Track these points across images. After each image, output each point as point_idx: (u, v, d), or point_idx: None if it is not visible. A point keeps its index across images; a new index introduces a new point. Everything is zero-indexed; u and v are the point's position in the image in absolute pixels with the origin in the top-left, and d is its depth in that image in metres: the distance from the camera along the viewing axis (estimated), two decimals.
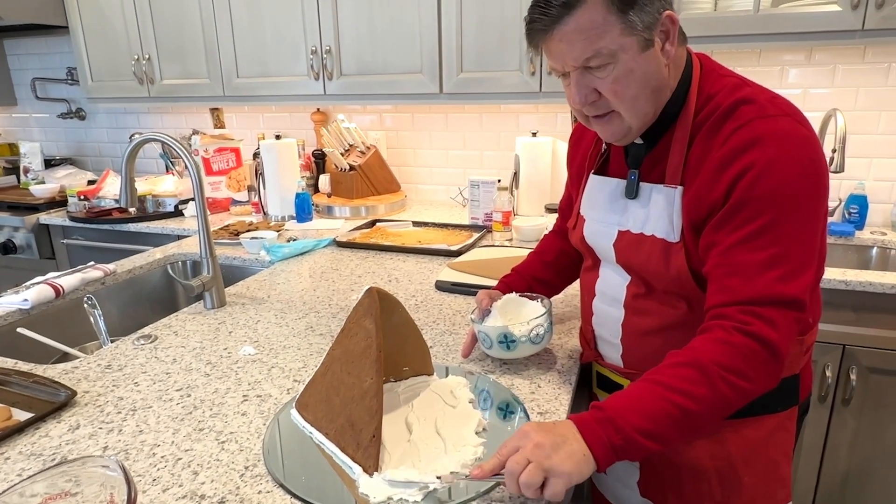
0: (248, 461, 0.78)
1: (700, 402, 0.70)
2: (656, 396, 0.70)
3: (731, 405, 0.72)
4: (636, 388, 0.73)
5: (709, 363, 0.71)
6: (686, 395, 0.70)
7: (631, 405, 0.70)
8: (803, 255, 0.74)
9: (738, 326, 0.72)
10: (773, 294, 0.72)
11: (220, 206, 2.41)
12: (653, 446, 0.69)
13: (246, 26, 2.24)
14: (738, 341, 0.72)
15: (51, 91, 3.15)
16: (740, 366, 0.71)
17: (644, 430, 0.68)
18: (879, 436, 1.59)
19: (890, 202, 1.94)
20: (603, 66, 0.77)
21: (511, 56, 1.91)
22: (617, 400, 0.72)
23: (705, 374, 0.70)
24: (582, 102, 0.82)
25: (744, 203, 0.75)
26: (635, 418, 0.69)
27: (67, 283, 1.45)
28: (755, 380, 0.72)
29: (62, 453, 0.80)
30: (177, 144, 1.28)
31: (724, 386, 0.70)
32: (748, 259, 0.74)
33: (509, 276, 1.15)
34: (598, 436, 0.68)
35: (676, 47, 0.80)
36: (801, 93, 1.95)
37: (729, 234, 0.76)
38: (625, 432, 0.68)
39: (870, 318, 1.52)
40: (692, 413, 0.70)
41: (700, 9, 1.76)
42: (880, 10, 1.52)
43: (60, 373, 1.04)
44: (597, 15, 0.74)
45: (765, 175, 0.73)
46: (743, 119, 0.77)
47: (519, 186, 2.13)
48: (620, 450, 0.68)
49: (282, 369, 1.04)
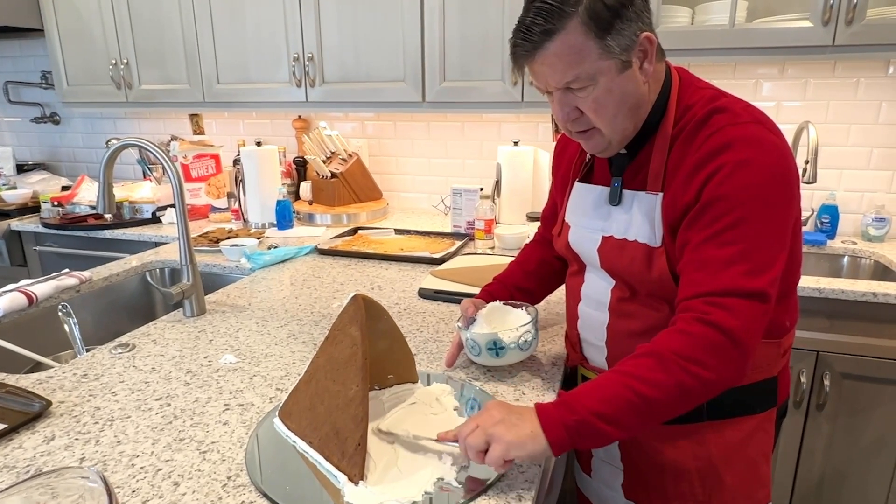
0: (231, 471, 0.77)
1: (656, 387, 0.72)
2: (614, 382, 0.74)
3: (690, 393, 0.73)
4: (599, 378, 0.76)
5: (666, 352, 0.74)
6: (642, 380, 0.72)
7: (589, 391, 0.74)
8: (769, 252, 0.76)
9: (698, 316, 0.74)
10: (735, 286, 0.74)
11: (199, 213, 2.38)
12: (610, 430, 0.72)
13: (227, 32, 2.22)
14: (695, 330, 0.74)
15: (24, 95, 3.08)
16: (697, 354, 0.73)
17: (599, 412, 0.71)
18: (853, 440, 1.63)
19: (860, 212, 2.00)
20: (583, 87, 0.81)
21: (493, 66, 1.93)
22: (579, 388, 0.76)
23: (661, 361, 0.73)
24: (565, 120, 0.87)
25: (712, 201, 0.78)
26: (591, 402, 0.72)
27: (41, 290, 1.42)
28: (714, 368, 0.73)
29: (37, 465, 0.78)
30: (156, 150, 1.26)
31: (681, 373, 0.72)
32: (714, 254, 0.77)
33: (491, 286, 1.16)
34: (552, 416, 0.72)
35: (655, 64, 0.84)
36: (775, 105, 2.00)
37: (698, 231, 0.79)
38: (579, 414, 0.71)
39: (842, 325, 1.56)
40: (649, 398, 0.72)
41: (677, 23, 1.80)
42: (850, 26, 1.57)
43: (34, 382, 1.02)
44: (576, 41, 0.77)
45: (733, 175, 0.76)
46: (716, 126, 0.80)
47: (501, 195, 2.14)
48: (574, 430, 0.71)
49: (264, 378, 1.03)
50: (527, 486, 0.73)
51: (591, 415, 0.71)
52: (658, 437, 0.94)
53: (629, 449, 0.99)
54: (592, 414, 0.71)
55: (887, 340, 1.53)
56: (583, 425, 0.71)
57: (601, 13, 0.76)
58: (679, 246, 0.83)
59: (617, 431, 0.72)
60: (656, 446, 0.95)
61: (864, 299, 1.51)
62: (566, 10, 0.76)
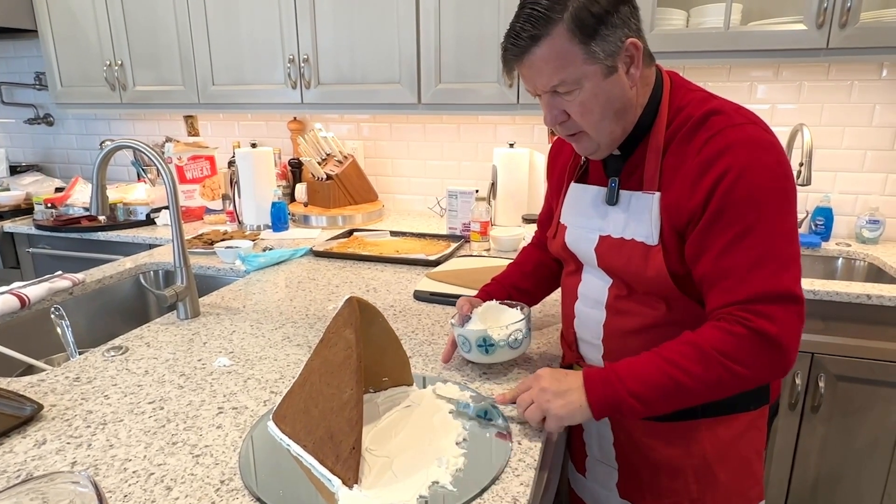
0: (224, 475, 0.76)
1: (694, 378, 0.78)
2: (655, 367, 0.80)
3: (724, 387, 0.79)
4: (644, 357, 0.82)
5: (708, 346, 0.78)
6: (682, 370, 0.78)
7: (633, 371, 0.81)
8: (788, 250, 0.79)
9: (740, 321, 0.77)
10: (767, 290, 0.77)
11: (193, 215, 2.37)
12: (642, 409, 0.80)
13: (222, 33, 2.21)
14: (738, 331, 0.77)
15: (18, 96, 3.07)
16: (738, 353, 0.77)
17: (637, 394, 0.79)
18: (848, 442, 1.63)
19: (854, 214, 2.01)
20: (569, 91, 0.84)
21: (489, 68, 1.93)
22: (624, 364, 0.82)
23: (703, 354, 0.78)
24: (552, 122, 0.89)
25: (724, 208, 0.79)
26: (633, 383, 0.79)
27: (34, 293, 1.41)
28: (752, 366, 0.77)
29: (28, 469, 0.77)
30: (150, 152, 1.26)
31: (721, 369, 0.77)
32: (738, 261, 0.79)
33: (489, 286, 1.17)
34: (598, 392, 0.81)
35: (643, 69, 0.86)
36: (770, 108, 2.01)
37: (716, 238, 0.81)
38: (621, 394, 0.80)
39: (837, 327, 1.56)
40: (684, 387, 0.78)
41: (672, 25, 1.81)
42: (843, 29, 1.58)
43: (26, 386, 1.01)
44: (561, 46, 0.80)
45: (740, 179, 0.78)
46: (714, 128, 0.82)
47: (496, 197, 2.14)
48: (615, 406, 0.80)
49: (258, 380, 1.02)
50: (522, 489, 0.73)
51: (629, 394, 0.79)
52: (653, 436, 0.95)
53: (624, 448, 1.00)
54: (630, 394, 0.79)
55: (881, 342, 1.53)
56: (623, 403, 0.80)
57: (586, 20, 0.79)
58: (692, 253, 0.84)
59: (647, 410, 0.80)
60: (651, 445, 0.95)
61: (859, 301, 1.51)
62: (552, 17, 0.79)
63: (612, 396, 0.80)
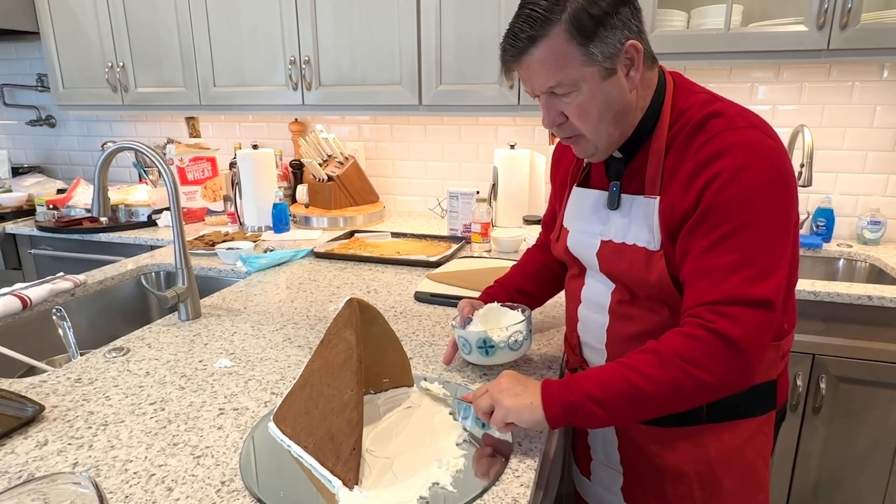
0: (225, 476, 0.76)
1: (652, 383, 0.75)
2: (615, 372, 0.78)
3: (688, 393, 0.76)
4: (604, 366, 0.81)
5: (669, 352, 0.76)
6: (641, 374, 0.76)
7: (591, 375, 0.79)
8: (771, 258, 0.77)
9: (703, 323, 0.76)
10: (738, 294, 0.75)
11: (194, 216, 2.38)
12: (602, 414, 0.76)
13: (223, 35, 2.22)
14: (699, 335, 0.75)
15: (20, 98, 3.08)
16: (699, 358, 0.75)
17: (594, 396, 0.76)
18: (849, 443, 1.63)
19: (855, 215, 2.01)
20: (567, 93, 0.83)
21: (490, 69, 1.93)
22: (584, 372, 0.81)
23: (663, 359, 0.76)
24: (550, 124, 0.88)
25: (711, 209, 0.78)
26: (589, 386, 0.77)
27: (35, 294, 1.41)
28: (714, 372, 0.74)
29: (29, 470, 0.78)
30: (152, 153, 1.26)
31: (679, 373, 0.75)
32: (717, 262, 0.77)
33: (492, 288, 1.17)
34: (552, 393, 0.79)
35: (644, 71, 0.84)
36: (770, 109, 2.01)
37: (700, 239, 0.79)
38: (576, 395, 0.77)
39: (838, 329, 1.56)
40: (643, 392, 0.75)
41: (673, 26, 1.81)
42: (844, 31, 1.58)
43: (27, 387, 1.01)
44: (559, 47, 0.79)
45: (731, 182, 0.77)
46: (713, 131, 0.81)
47: (497, 198, 2.15)
48: (569, 409, 0.77)
49: (259, 382, 1.02)
50: (522, 490, 0.73)
51: (586, 398, 0.76)
52: (657, 441, 0.94)
53: (629, 452, 0.99)
54: (588, 397, 0.76)
55: (883, 343, 1.53)
56: (577, 406, 0.76)
57: (584, 21, 0.78)
58: (680, 253, 0.83)
59: (608, 417, 0.77)
60: (655, 449, 0.95)
61: (860, 302, 1.51)
62: (550, 18, 0.79)
63: (566, 397, 0.77)
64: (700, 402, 0.78)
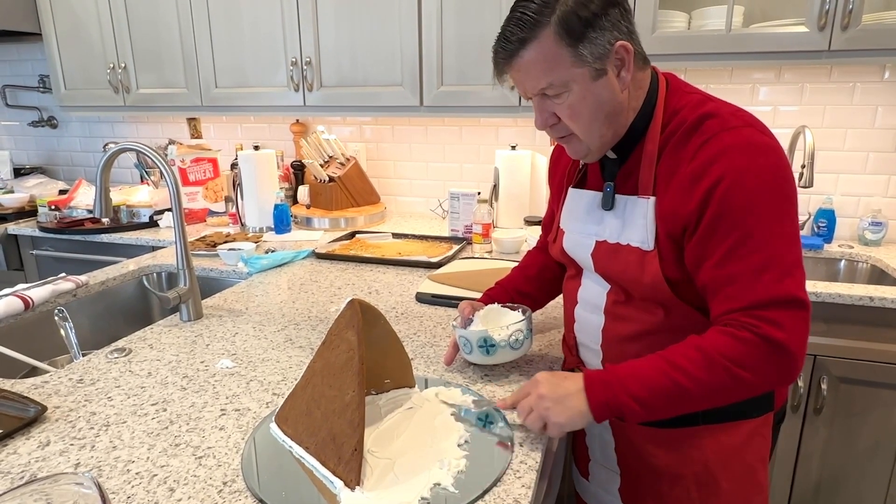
0: (227, 477, 0.76)
1: (697, 382, 0.76)
2: (658, 370, 0.78)
3: (729, 393, 0.78)
4: (647, 360, 0.81)
5: (714, 351, 0.77)
6: (686, 374, 0.77)
7: (635, 373, 0.79)
8: (791, 254, 0.78)
9: (747, 327, 0.76)
10: (772, 296, 0.76)
11: (196, 217, 2.38)
12: (643, 412, 0.78)
13: (225, 36, 2.22)
14: (745, 337, 0.76)
15: (22, 99, 3.08)
16: (745, 359, 0.75)
17: (639, 397, 0.78)
18: (850, 444, 1.63)
19: (856, 216, 2.01)
20: (558, 94, 0.84)
21: (491, 70, 1.91)
22: (625, 367, 0.81)
23: (709, 358, 0.77)
24: (543, 125, 0.89)
25: (722, 214, 0.78)
26: (635, 386, 0.78)
27: (37, 294, 1.41)
28: (759, 372, 0.76)
29: (31, 471, 0.78)
30: (154, 154, 1.26)
31: (725, 375, 0.76)
32: (741, 267, 0.78)
33: (492, 290, 1.17)
34: (599, 396, 0.79)
35: (635, 72, 0.85)
36: (772, 110, 2.01)
37: (716, 245, 0.79)
38: (621, 398, 0.78)
39: (839, 329, 1.56)
40: (686, 391, 0.77)
41: (674, 27, 1.81)
42: (845, 31, 1.58)
43: (29, 387, 1.01)
44: (548, 49, 0.81)
45: (736, 184, 0.77)
46: (709, 133, 0.81)
47: (498, 199, 2.15)
48: (616, 409, 0.79)
49: (260, 382, 1.02)
50: (524, 491, 0.73)
51: (631, 399, 0.78)
52: (654, 441, 0.94)
53: (626, 453, 0.99)
54: (633, 398, 0.78)
55: (884, 344, 1.53)
56: (623, 406, 0.78)
57: (573, 23, 0.79)
58: (692, 260, 0.83)
59: (648, 415, 0.78)
60: (652, 450, 0.95)
61: (861, 303, 1.51)
62: (540, 20, 0.80)
63: (612, 399, 0.78)
64: (738, 399, 0.80)
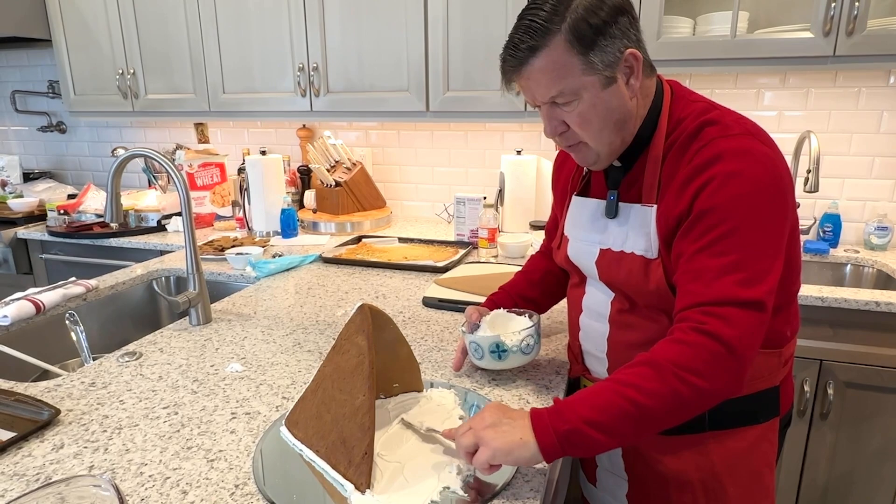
0: (238, 480, 0.77)
1: (651, 396, 0.72)
2: (609, 391, 0.74)
3: (686, 402, 0.73)
4: (594, 386, 0.76)
5: (662, 360, 0.74)
6: (637, 389, 0.72)
7: (583, 398, 0.74)
8: (763, 262, 0.76)
9: (695, 326, 0.74)
10: (730, 296, 0.74)
11: (203, 222, 2.40)
12: (602, 438, 0.72)
13: (233, 42, 2.24)
14: (692, 339, 0.74)
15: (31, 104, 3.11)
16: (694, 363, 0.72)
17: (591, 420, 0.71)
18: (857, 449, 1.63)
19: (862, 221, 2.01)
20: (568, 102, 0.83)
21: (496, 75, 1.91)
22: (573, 395, 0.76)
23: (657, 370, 0.73)
24: (552, 133, 0.89)
25: (704, 212, 0.78)
26: (584, 410, 0.72)
27: (48, 298, 1.43)
28: (711, 377, 0.72)
29: (46, 473, 0.79)
30: (163, 160, 1.28)
31: (677, 382, 0.72)
32: (708, 264, 0.77)
33: (496, 294, 1.17)
34: (544, 423, 0.73)
35: (643, 80, 0.85)
36: (777, 115, 2.01)
37: (692, 242, 0.79)
38: (571, 422, 0.72)
39: (845, 334, 1.56)
40: (643, 407, 0.72)
41: (679, 33, 1.82)
42: (850, 37, 1.58)
43: (43, 391, 1.03)
44: (559, 57, 0.80)
45: (724, 186, 0.77)
46: (706, 139, 0.81)
47: (504, 203, 2.16)
48: (565, 438, 0.71)
49: (270, 386, 1.03)
50: (532, 494, 0.74)
51: (583, 423, 0.71)
52: (661, 448, 0.95)
53: (633, 459, 0.99)
54: (584, 422, 0.71)
55: (890, 349, 1.53)
56: (574, 433, 0.71)
57: (584, 31, 0.79)
58: (674, 257, 0.83)
59: (609, 440, 0.72)
60: (659, 457, 0.95)
61: (867, 308, 1.51)
62: (550, 28, 0.79)
63: (560, 427, 0.71)
64: (698, 411, 0.75)
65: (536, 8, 0.81)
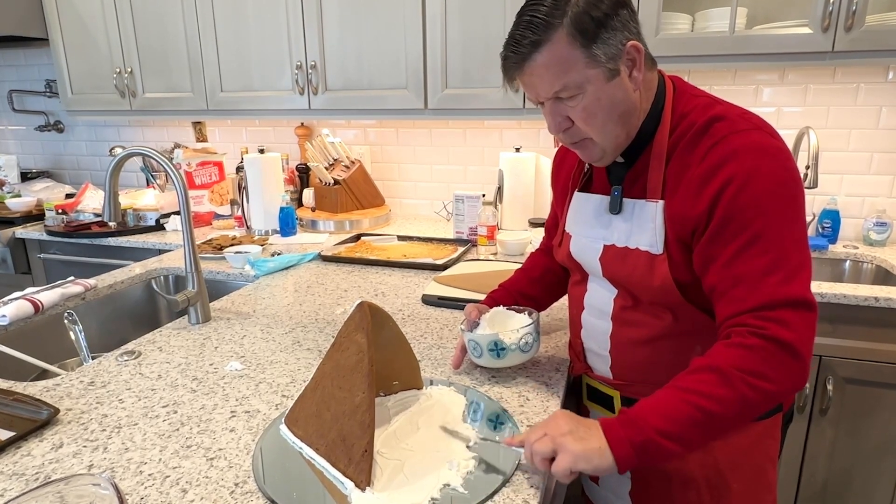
0: (238, 478, 0.77)
1: (721, 402, 0.72)
2: (676, 399, 0.74)
3: (753, 406, 0.74)
4: (660, 393, 0.76)
5: (727, 366, 0.74)
6: (705, 396, 0.73)
7: (652, 408, 0.74)
8: (798, 255, 0.77)
9: (754, 331, 0.75)
10: (779, 297, 0.75)
11: (202, 220, 2.39)
12: (674, 447, 0.72)
13: (231, 40, 2.24)
14: (754, 343, 0.74)
15: (28, 103, 3.11)
16: (759, 367, 0.73)
17: (664, 430, 0.72)
18: (856, 445, 1.63)
19: (861, 217, 2.01)
20: (572, 96, 0.83)
21: (495, 73, 1.94)
22: (641, 404, 0.75)
23: (724, 376, 0.73)
24: (556, 130, 0.88)
25: (731, 216, 0.78)
26: (655, 419, 0.72)
27: (47, 298, 1.43)
28: (775, 380, 0.74)
29: (45, 472, 0.79)
30: (161, 159, 1.28)
31: (744, 387, 0.73)
32: (748, 268, 0.77)
33: (496, 292, 1.17)
34: (618, 434, 0.72)
35: (645, 72, 0.85)
36: (775, 111, 2.01)
37: (724, 247, 0.79)
38: (645, 433, 0.72)
39: (845, 330, 1.56)
40: (714, 414, 0.72)
41: (678, 29, 1.81)
42: (849, 33, 1.58)
43: (42, 390, 1.02)
44: (562, 51, 0.80)
45: (746, 186, 0.77)
46: (717, 135, 0.81)
47: (503, 201, 2.15)
48: (641, 449, 0.72)
49: (269, 384, 1.03)
50: (532, 492, 0.74)
51: (656, 433, 0.72)
52: None
53: None
54: (658, 433, 0.72)
55: (890, 345, 1.53)
56: (649, 444, 0.72)
57: (586, 24, 0.78)
58: (700, 262, 0.83)
59: (682, 448, 0.73)
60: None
61: (867, 304, 1.51)
62: (552, 22, 0.79)
63: (636, 438, 0.72)
64: (762, 412, 0.77)
65: (537, 3, 0.80)
